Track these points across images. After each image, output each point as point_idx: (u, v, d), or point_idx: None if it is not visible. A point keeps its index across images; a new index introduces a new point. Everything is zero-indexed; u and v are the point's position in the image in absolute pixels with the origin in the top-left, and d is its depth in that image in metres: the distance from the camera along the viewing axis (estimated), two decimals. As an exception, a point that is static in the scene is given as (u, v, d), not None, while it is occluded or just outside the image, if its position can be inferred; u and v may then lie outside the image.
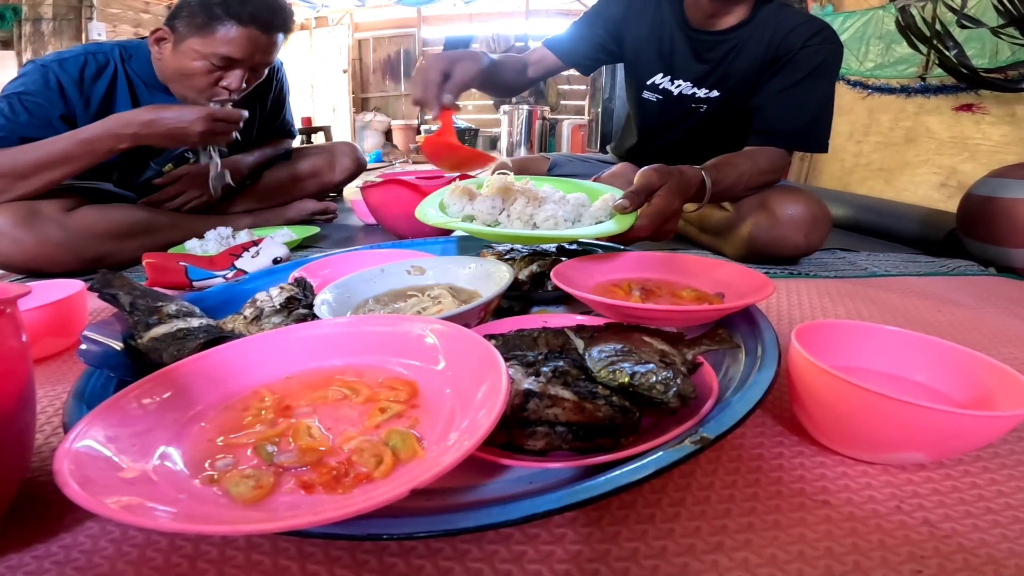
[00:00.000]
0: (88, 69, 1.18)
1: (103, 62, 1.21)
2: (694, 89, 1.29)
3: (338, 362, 0.47)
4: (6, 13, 3.77)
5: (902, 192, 2.02)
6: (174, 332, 0.55)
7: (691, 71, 1.28)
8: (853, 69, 2.17)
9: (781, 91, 1.16)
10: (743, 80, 1.22)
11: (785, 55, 1.15)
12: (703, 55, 1.25)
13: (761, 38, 1.18)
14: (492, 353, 0.40)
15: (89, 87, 1.19)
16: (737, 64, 1.22)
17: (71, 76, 1.16)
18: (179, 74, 1.20)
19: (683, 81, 1.29)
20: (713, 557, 0.37)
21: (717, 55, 1.23)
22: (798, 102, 1.15)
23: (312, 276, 0.77)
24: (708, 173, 1.00)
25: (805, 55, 1.14)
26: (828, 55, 1.14)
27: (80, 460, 0.32)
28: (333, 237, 1.53)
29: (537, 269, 0.76)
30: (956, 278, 1.12)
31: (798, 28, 1.15)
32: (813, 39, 1.14)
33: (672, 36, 1.27)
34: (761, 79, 1.20)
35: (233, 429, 0.40)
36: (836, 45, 1.16)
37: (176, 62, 1.19)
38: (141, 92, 1.25)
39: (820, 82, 1.15)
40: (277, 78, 1.53)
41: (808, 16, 1.22)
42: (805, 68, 1.14)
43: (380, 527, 0.31)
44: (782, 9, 1.20)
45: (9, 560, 0.37)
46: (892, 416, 0.42)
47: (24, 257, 1.08)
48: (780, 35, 1.16)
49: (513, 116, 5.45)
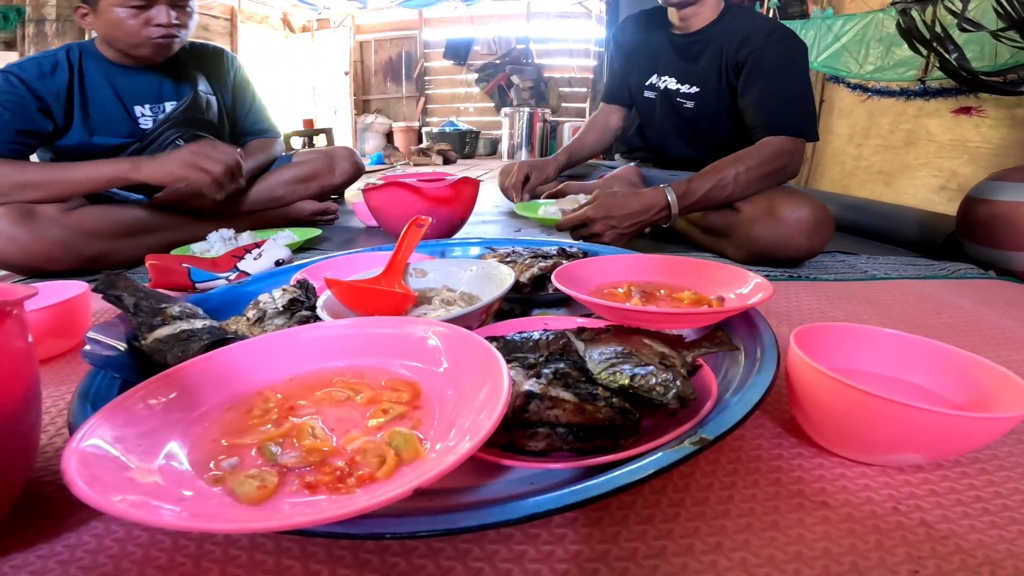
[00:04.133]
0: (44, 67, 1.24)
1: (53, 60, 1.26)
2: (678, 86, 1.44)
3: (341, 363, 0.48)
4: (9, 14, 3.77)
5: (902, 195, 2.02)
6: (178, 333, 0.55)
7: (674, 68, 1.44)
8: (853, 72, 2.17)
9: (759, 88, 1.25)
10: (717, 76, 1.35)
11: (749, 56, 1.26)
12: (682, 54, 1.42)
13: (725, 37, 1.31)
14: (494, 355, 0.40)
15: (51, 81, 1.24)
16: (709, 61, 1.35)
17: (31, 73, 1.21)
18: (112, 31, 1.25)
19: (668, 78, 1.46)
20: (712, 557, 0.37)
21: (693, 53, 1.39)
22: (776, 94, 1.23)
23: (314, 278, 0.78)
24: (675, 188, 1.15)
25: (767, 52, 1.24)
26: (787, 48, 1.24)
27: (87, 459, 0.32)
28: (334, 239, 1.53)
29: (538, 272, 0.77)
30: (956, 281, 1.12)
31: (754, 31, 1.27)
32: (770, 37, 1.25)
33: (659, 40, 1.46)
34: (733, 81, 1.32)
35: (237, 430, 0.40)
36: (793, 39, 1.26)
37: (104, 22, 1.24)
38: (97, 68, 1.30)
39: (789, 72, 1.23)
40: (233, 67, 1.58)
41: (764, 19, 1.38)
42: (771, 63, 1.24)
43: (383, 526, 0.32)
44: (744, 14, 1.34)
45: (13, 559, 0.37)
46: (890, 418, 0.42)
47: (22, 255, 1.09)
48: (739, 38, 1.28)
49: (514, 118, 5.45)
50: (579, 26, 6.01)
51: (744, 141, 1.24)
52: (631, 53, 1.54)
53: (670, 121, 1.50)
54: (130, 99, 1.34)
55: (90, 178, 1.15)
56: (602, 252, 0.89)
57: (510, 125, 5.49)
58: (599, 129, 1.63)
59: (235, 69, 1.59)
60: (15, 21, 3.79)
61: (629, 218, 1.15)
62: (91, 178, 1.15)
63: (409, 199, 1.27)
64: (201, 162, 1.17)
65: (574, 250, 0.87)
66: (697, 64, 1.38)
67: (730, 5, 1.35)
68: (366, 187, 1.35)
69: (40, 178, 1.13)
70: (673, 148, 1.54)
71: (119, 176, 1.16)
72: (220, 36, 5.70)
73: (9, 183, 1.12)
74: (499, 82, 6.26)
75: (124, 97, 1.33)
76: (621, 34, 1.57)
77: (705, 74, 1.37)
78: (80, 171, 1.15)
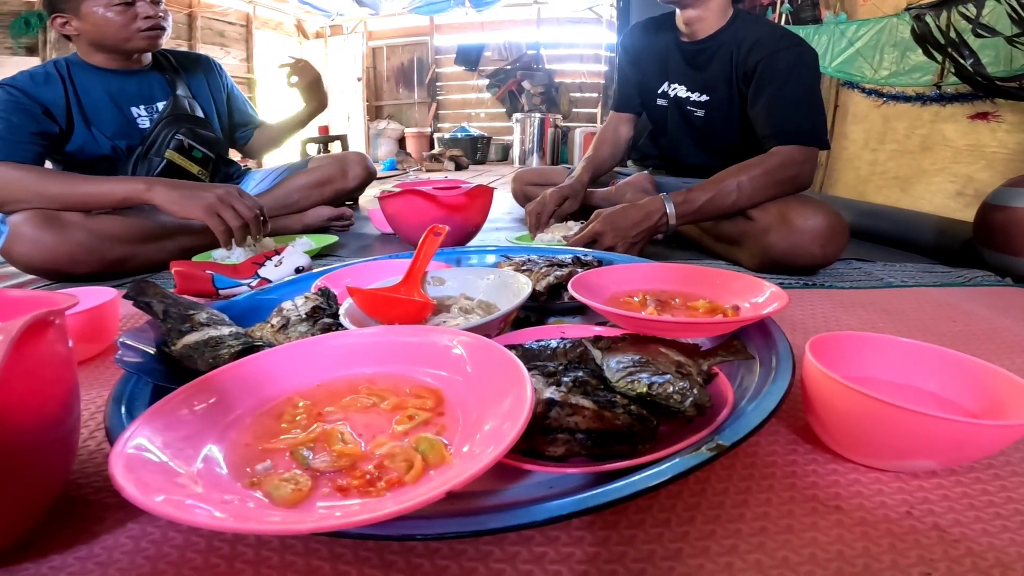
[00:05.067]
0: (36, 78, 1.28)
1: (43, 72, 1.31)
2: (688, 94, 1.43)
3: (367, 370, 0.49)
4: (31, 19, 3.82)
5: (918, 201, 2.00)
6: (206, 340, 0.57)
7: (683, 76, 1.43)
8: (868, 77, 2.16)
9: (768, 97, 1.23)
10: (726, 84, 1.34)
11: (759, 64, 1.24)
12: (691, 62, 1.41)
13: (733, 45, 1.30)
14: (517, 365, 0.42)
15: (45, 89, 1.28)
16: (718, 68, 1.34)
17: (26, 84, 1.26)
18: (100, 31, 1.29)
19: (678, 86, 1.45)
20: (727, 559, 0.38)
21: (701, 61, 1.38)
22: (785, 102, 1.22)
23: (334, 285, 0.79)
24: (674, 196, 1.18)
25: (776, 60, 1.23)
26: (797, 55, 1.23)
27: (132, 463, 0.34)
28: (351, 245, 1.56)
29: (554, 280, 0.78)
30: (972, 288, 1.11)
31: (763, 38, 1.25)
32: (779, 44, 1.23)
33: (668, 47, 1.45)
34: (743, 89, 1.31)
35: (270, 434, 0.42)
36: (802, 47, 1.24)
37: (90, 24, 1.28)
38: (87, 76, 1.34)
39: (801, 81, 1.22)
40: (222, 71, 1.64)
41: (773, 26, 1.35)
42: (781, 71, 1.22)
43: (413, 528, 0.33)
44: (753, 21, 1.33)
45: (52, 561, 0.38)
46: (904, 425, 0.43)
47: (46, 259, 1.12)
48: (748, 46, 1.26)
49: (525, 124, 5.47)
50: (590, 31, 6.03)
51: (757, 147, 1.25)
52: (640, 60, 1.53)
53: (682, 129, 1.50)
54: (124, 101, 1.38)
55: (105, 195, 1.17)
56: (617, 261, 0.90)
57: (521, 130, 5.51)
58: (611, 143, 1.62)
59: (223, 73, 1.65)
60: (37, 26, 3.84)
61: (634, 227, 1.17)
62: (106, 195, 1.17)
63: (424, 207, 1.29)
64: (223, 211, 1.16)
65: (589, 259, 0.88)
66: (706, 72, 1.38)
67: (738, 12, 1.34)
68: (382, 194, 1.38)
69: (59, 190, 1.16)
70: (686, 155, 1.53)
71: (132, 196, 1.17)
72: (236, 42, 5.78)
73: (32, 191, 1.14)
74: (510, 87, 6.29)
75: (118, 100, 1.37)
76: (629, 40, 1.56)
77: (714, 82, 1.36)
78: (96, 187, 1.17)
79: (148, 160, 1.40)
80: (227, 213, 1.16)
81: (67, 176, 1.19)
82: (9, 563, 0.38)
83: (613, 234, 1.16)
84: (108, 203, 1.19)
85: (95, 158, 1.35)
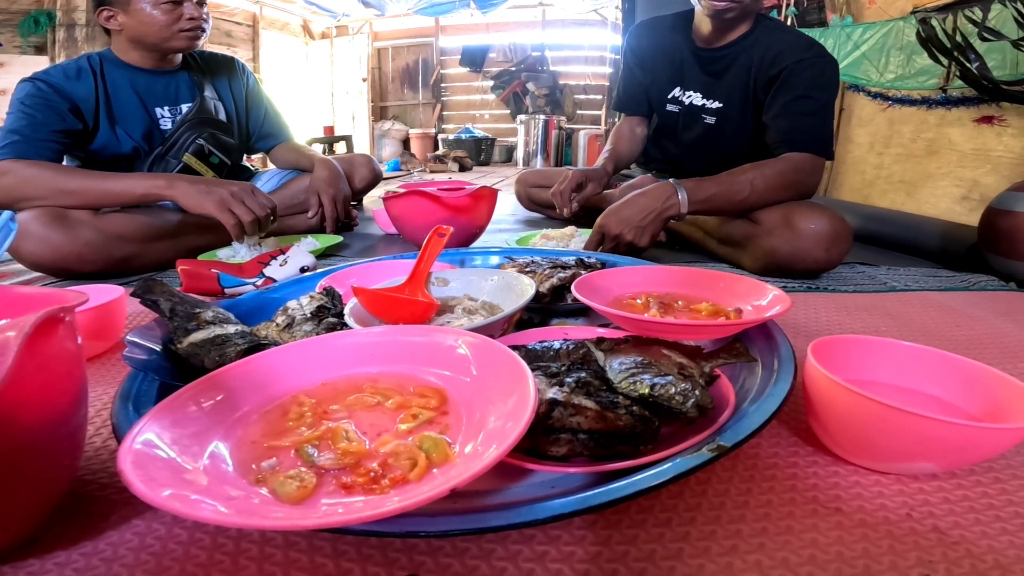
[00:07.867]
0: (69, 72, 1.29)
1: (77, 67, 1.31)
2: (703, 101, 1.42)
3: (372, 370, 0.50)
4: (40, 18, 3.83)
5: (924, 204, 2.00)
6: (212, 338, 0.58)
7: (699, 83, 1.42)
8: (873, 80, 2.16)
9: (785, 104, 1.24)
10: (742, 91, 1.34)
11: (782, 72, 1.24)
12: (708, 69, 1.39)
13: (756, 52, 1.29)
14: (521, 366, 0.42)
15: (77, 84, 1.29)
16: (736, 75, 1.34)
17: (58, 78, 1.27)
18: (144, 28, 1.30)
19: (693, 93, 1.44)
20: (727, 559, 0.38)
21: (719, 68, 1.37)
22: (801, 111, 1.22)
23: (338, 285, 0.79)
24: (684, 183, 1.17)
25: (801, 70, 1.22)
26: (823, 68, 1.23)
27: (141, 459, 0.34)
28: (355, 246, 1.56)
29: (557, 282, 0.78)
30: (977, 293, 1.11)
31: (791, 47, 1.25)
32: (806, 53, 1.23)
33: (683, 55, 1.43)
34: (760, 96, 1.30)
35: (276, 432, 0.42)
36: (829, 58, 1.24)
37: (136, 22, 1.29)
38: (118, 72, 1.35)
39: (820, 93, 1.23)
40: (245, 73, 1.64)
41: (799, 34, 1.34)
42: (804, 81, 1.22)
43: (417, 525, 0.33)
44: (776, 28, 1.31)
45: (57, 557, 0.38)
46: (905, 428, 0.43)
47: (54, 257, 1.13)
48: (773, 53, 1.26)
49: (530, 126, 5.48)
50: (594, 33, 6.03)
51: (762, 156, 1.24)
52: (649, 61, 1.50)
53: (691, 135, 1.48)
54: (151, 101, 1.40)
55: (125, 191, 1.19)
56: (620, 263, 0.90)
57: (525, 132, 5.52)
58: (628, 139, 1.59)
59: (247, 75, 1.65)
60: (46, 25, 3.85)
61: (641, 212, 1.16)
62: (126, 191, 1.19)
63: (429, 208, 1.29)
64: (234, 206, 1.18)
65: (592, 261, 0.89)
66: (723, 79, 1.36)
67: (759, 18, 1.32)
68: (387, 195, 1.38)
69: (78, 186, 1.17)
70: (692, 162, 1.51)
71: (152, 192, 1.19)
72: (243, 42, 5.80)
73: (50, 187, 1.15)
74: (515, 89, 6.29)
75: (145, 99, 1.38)
76: (636, 40, 1.53)
77: (730, 89, 1.36)
78: (116, 183, 1.19)
79: (165, 162, 1.41)
80: (239, 208, 1.19)
81: (85, 173, 1.20)
82: (14, 559, 0.38)
83: (618, 223, 1.16)
84: (127, 200, 1.20)
85: (115, 156, 1.36)
